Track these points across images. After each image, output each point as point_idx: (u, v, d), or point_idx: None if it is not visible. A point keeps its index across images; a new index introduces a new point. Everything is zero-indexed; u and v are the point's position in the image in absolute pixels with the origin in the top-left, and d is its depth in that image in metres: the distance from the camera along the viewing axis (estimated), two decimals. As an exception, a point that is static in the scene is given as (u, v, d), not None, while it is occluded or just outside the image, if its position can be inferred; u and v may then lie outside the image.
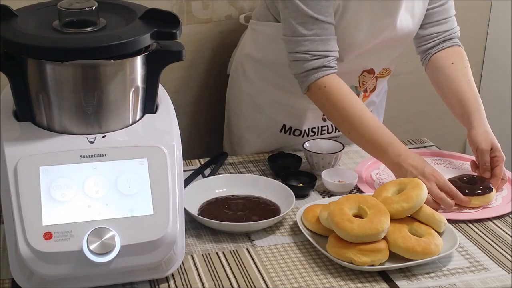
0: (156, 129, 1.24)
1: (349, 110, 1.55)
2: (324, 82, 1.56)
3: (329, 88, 1.56)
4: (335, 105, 1.56)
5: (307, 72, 1.57)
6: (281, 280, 1.24)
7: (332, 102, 1.56)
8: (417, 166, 1.49)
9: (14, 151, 1.15)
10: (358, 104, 1.57)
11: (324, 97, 1.57)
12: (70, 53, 1.12)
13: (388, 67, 1.78)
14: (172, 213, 1.16)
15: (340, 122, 1.59)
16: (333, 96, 1.56)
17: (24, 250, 1.10)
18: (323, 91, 1.56)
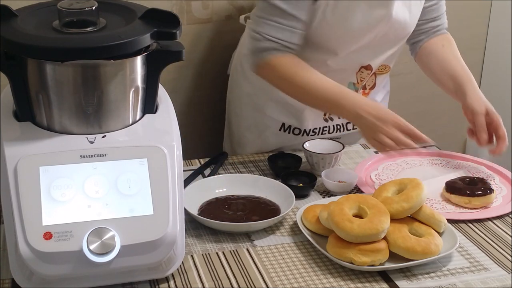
0: (156, 129, 1.24)
1: (296, 78, 1.59)
2: (269, 60, 1.60)
3: (279, 64, 1.60)
4: (283, 77, 1.60)
5: (256, 52, 1.61)
6: (281, 280, 1.24)
7: (279, 75, 1.60)
8: (374, 111, 1.51)
9: (14, 151, 1.14)
10: (305, 69, 1.59)
11: (271, 72, 1.61)
12: (70, 53, 1.12)
13: (387, 64, 1.77)
14: (172, 213, 1.16)
15: (292, 91, 1.63)
16: (280, 70, 1.60)
17: (24, 250, 1.10)
18: (269, 67, 1.61)
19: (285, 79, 1.60)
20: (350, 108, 1.53)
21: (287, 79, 1.60)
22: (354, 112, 1.52)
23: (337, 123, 1.83)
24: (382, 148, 1.51)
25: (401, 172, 1.66)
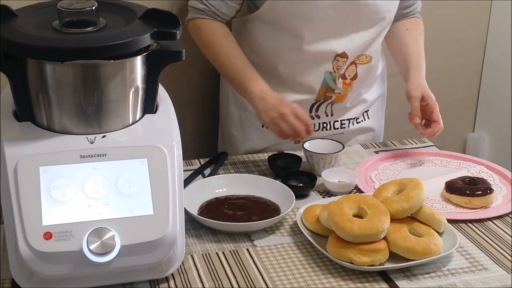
0: (156, 129, 1.24)
1: (219, 49, 1.68)
2: (199, 22, 1.70)
3: (203, 28, 1.70)
4: (206, 44, 1.70)
5: (190, 8, 1.73)
6: (281, 280, 1.24)
7: (204, 41, 1.70)
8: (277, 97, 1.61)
9: (14, 151, 1.14)
10: (228, 44, 1.69)
11: (198, 36, 1.71)
12: (70, 53, 1.12)
13: (367, 54, 1.77)
14: (172, 213, 1.16)
15: (211, 59, 1.72)
16: (205, 36, 1.70)
17: (24, 250, 1.10)
18: (197, 30, 1.71)
19: (207, 46, 1.70)
20: (256, 89, 1.62)
21: (209, 47, 1.70)
22: (258, 93, 1.61)
23: (323, 121, 1.83)
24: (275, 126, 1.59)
25: (401, 172, 1.66)
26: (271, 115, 1.58)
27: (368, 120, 1.91)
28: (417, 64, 1.76)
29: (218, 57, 1.69)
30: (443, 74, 2.46)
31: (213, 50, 1.69)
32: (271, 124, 1.59)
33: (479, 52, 2.51)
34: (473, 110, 2.61)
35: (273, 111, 1.58)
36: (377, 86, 1.91)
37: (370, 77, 1.84)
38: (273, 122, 1.58)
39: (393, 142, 1.87)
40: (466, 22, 2.43)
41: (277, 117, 1.57)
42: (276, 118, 1.57)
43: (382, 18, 1.72)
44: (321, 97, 1.79)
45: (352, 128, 1.88)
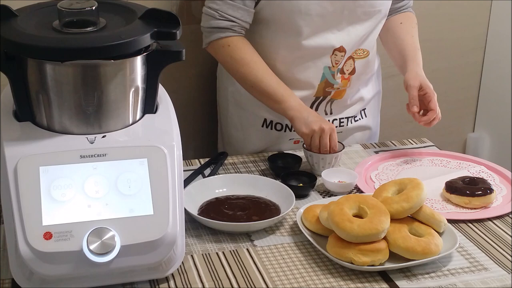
0: (156, 129, 1.24)
1: (255, 66, 1.68)
2: (228, 41, 1.68)
3: (233, 47, 1.68)
4: (240, 62, 1.68)
5: (212, 29, 1.68)
6: (281, 280, 1.24)
7: (235, 59, 1.68)
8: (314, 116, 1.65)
9: (14, 151, 1.14)
10: (261, 60, 1.69)
11: (228, 56, 1.69)
12: (70, 53, 1.12)
13: (364, 48, 1.77)
14: (172, 213, 1.16)
15: (244, 77, 1.70)
16: (238, 53, 1.68)
17: (24, 250, 1.10)
18: (227, 50, 1.69)
19: (241, 63, 1.69)
20: (295, 102, 1.67)
21: (243, 64, 1.68)
22: (298, 106, 1.66)
23: None
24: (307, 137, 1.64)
25: (401, 172, 1.66)
26: (312, 127, 1.62)
27: (365, 118, 1.92)
28: (413, 55, 1.78)
29: (255, 74, 1.69)
30: (443, 74, 2.46)
31: (248, 67, 1.69)
32: (307, 136, 1.63)
33: (479, 52, 2.51)
34: (473, 110, 2.61)
35: (315, 124, 1.62)
36: (373, 84, 1.92)
37: (368, 72, 1.85)
38: (311, 134, 1.62)
39: (393, 142, 1.87)
40: (466, 22, 2.43)
41: (317, 131, 1.61)
42: (316, 131, 1.62)
43: (378, 11, 1.74)
44: (320, 93, 1.79)
45: (350, 126, 1.88)
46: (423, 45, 1.84)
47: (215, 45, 1.70)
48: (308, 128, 1.63)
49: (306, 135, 1.63)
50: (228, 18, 1.66)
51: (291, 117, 1.66)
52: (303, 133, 1.64)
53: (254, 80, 1.69)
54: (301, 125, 1.64)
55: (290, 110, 1.66)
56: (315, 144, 1.62)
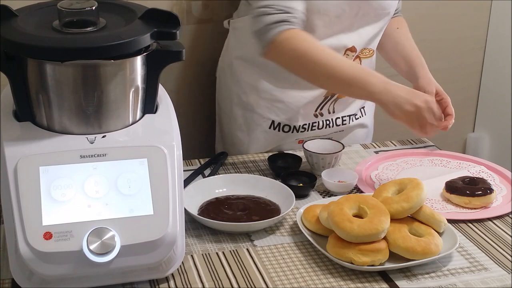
0: (156, 129, 1.24)
1: (324, 53, 1.53)
2: (289, 33, 1.53)
3: (296, 37, 1.53)
4: (306, 52, 1.52)
5: (268, 26, 1.54)
6: (281, 280, 1.24)
7: (302, 50, 1.52)
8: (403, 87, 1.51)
9: (14, 151, 1.14)
10: (326, 49, 1.55)
11: (292, 48, 1.52)
12: (70, 53, 1.12)
13: (370, 48, 1.78)
14: (172, 213, 1.16)
15: (316, 68, 1.53)
16: (304, 43, 1.52)
17: (24, 250, 1.10)
18: (289, 42, 1.52)
19: (309, 53, 1.52)
20: (379, 82, 1.50)
21: (312, 54, 1.52)
22: (383, 86, 1.50)
23: (326, 119, 1.83)
24: (411, 122, 1.50)
25: (401, 172, 1.66)
26: (407, 110, 1.48)
27: (365, 116, 1.92)
28: (420, 61, 1.77)
29: (328, 62, 1.52)
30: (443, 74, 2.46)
31: (319, 56, 1.52)
32: (404, 120, 1.50)
33: (479, 52, 2.51)
34: (473, 110, 2.61)
35: (407, 104, 1.48)
36: None
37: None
38: (408, 116, 1.49)
39: (393, 142, 1.87)
40: (466, 22, 2.43)
41: (414, 111, 1.48)
42: (413, 112, 1.48)
43: (387, 13, 1.74)
44: (330, 93, 1.79)
45: (351, 124, 1.89)
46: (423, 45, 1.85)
47: (275, 43, 1.53)
48: (403, 111, 1.48)
49: (404, 120, 1.49)
50: (284, 9, 1.53)
51: (380, 101, 1.51)
52: (400, 118, 1.49)
53: (328, 70, 1.52)
54: (394, 110, 1.49)
55: (376, 94, 1.50)
56: (422, 121, 1.48)
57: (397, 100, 1.49)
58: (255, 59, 1.75)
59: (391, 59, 1.84)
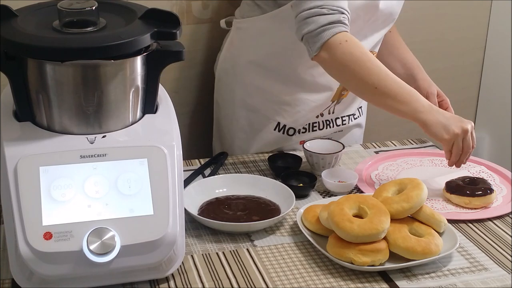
0: (156, 129, 1.24)
1: (376, 62, 1.50)
2: (344, 36, 1.49)
3: (351, 41, 1.48)
4: (360, 58, 1.48)
5: (324, 27, 1.48)
6: (281, 280, 1.24)
7: (357, 55, 1.48)
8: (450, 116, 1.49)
9: (14, 151, 1.14)
10: (377, 59, 1.52)
11: (348, 52, 1.48)
12: (70, 53, 1.12)
13: (374, 51, 1.78)
14: (172, 213, 1.16)
15: (366, 77, 1.48)
16: (358, 49, 1.49)
17: (24, 250, 1.10)
18: (345, 45, 1.48)
19: (363, 60, 1.49)
20: (424, 102, 1.49)
21: (365, 61, 1.49)
22: (428, 105, 1.49)
23: (326, 119, 1.83)
24: (450, 145, 1.48)
25: (401, 172, 1.66)
26: (453, 131, 1.46)
27: (362, 116, 1.93)
28: (417, 63, 1.79)
29: (379, 71, 1.49)
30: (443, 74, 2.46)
31: (372, 64, 1.49)
32: (449, 141, 1.48)
33: (479, 52, 2.51)
34: (473, 110, 2.61)
35: (455, 126, 1.47)
36: None
37: None
38: (453, 138, 1.47)
39: (393, 142, 1.87)
40: (466, 22, 2.43)
41: (459, 134, 1.47)
42: (459, 135, 1.47)
43: (393, 20, 1.74)
44: (336, 97, 1.79)
45: (350, 124, 1.89)
46: (423, 45, 1.85)
47: (330, 45, 1.48)
48: (450, 133, 1.46)
49: (447, 141, 1.48)
50: (337, 9, 1.49)
51: (423, 120, 1.48)
52: (443, 139, 1.48)
53: (377, 80, 1.48)
54: (440, 130, 1.47)
55: (420, 112, 1.48)
56: (458, 148, 1.48)
57: (443, 121, 1.47)
58: (263, 62, 1.74)
59: (386, 62, 1.78)
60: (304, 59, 1.67)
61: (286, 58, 1.71)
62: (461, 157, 1.51)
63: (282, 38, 1.69)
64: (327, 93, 1.77)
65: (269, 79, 1.76)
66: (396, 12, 1.73)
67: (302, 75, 1.73)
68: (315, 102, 1.77)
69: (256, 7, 1.73)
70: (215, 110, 1.93)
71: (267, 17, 1.69)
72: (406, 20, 1.90)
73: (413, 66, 1.79)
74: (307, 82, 1.74)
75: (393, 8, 1.71)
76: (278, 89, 1.77)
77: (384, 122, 2.11)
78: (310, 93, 1.76)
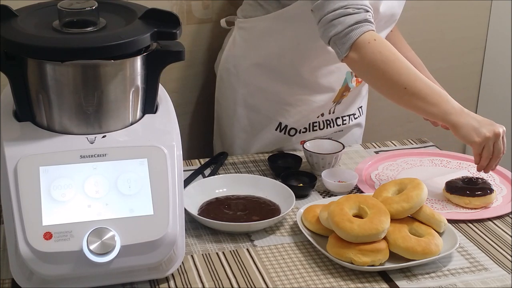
0: (156, 129, 1.24)
1: (405, 62, 1.46)
2: (372, 35, 1.46)
3: (379, 40, 1.46)
4: (390, 57, 1.45)
5: (351, 27, 1.45)
6: (281, 280, 1.24)
7: (386, 55, 1.45)
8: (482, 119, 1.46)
9: (14, 151, 1.14)
10: (405, 59, 1.49)
11: (377, 51, 1.45)
12: (70, 53, 1.12)
13: None
14: (172, 213, 1.16)
15: (396, 76, 1.45)
16: (387, 48, 1.46)
17: (24, 250, 1.10)
18: (374, 45, 1.45)
19: (393, 60, 1.46)
20: (455, 104, 1.47)
21: (394, 60, 1.46)
22: (459, 108, 1.46)
23: (326, 119, 1.84)
24: (480, 148, 1.46)
25: (401, 172, 1.66)
26: (485, 135, 1.44)
27: (362, 116, 1.93)
28: (419, 62, 1.78)
29: (408, 72, 1.46)
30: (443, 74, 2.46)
31: (402, 64, 1.46)
32: (479, 144, 1.45)
33: (479, 52, 2.51)
34: (473, 110, 2.61)
35: (486, 129, 1.44)
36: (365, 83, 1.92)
37: None
38: (484, 142, 1.45)
39: (393, 142, 1.87)
40: (466, 22, 2.43)
41: (491, 137, 1.44)
42: (490, 138, 1.44)
43: (394, 20, 1.74)
44: (338, 98, 1.79)
45: (351, 124, 1.90)
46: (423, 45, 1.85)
47: (359, 44, 1.45)
48: (481, 135, 1.44)
49: (478, 144, 1.45)
50: (362, 8, 1.46)
51: (453, 122, 1.45)
52: (474, 142, 1.45)
53: (407, 80, 1.45)
54: (470, 133, 1.44)
55: (450, 114, 1.45)
56: (489, 152, 1.46)
57: (474, 123, 1.45)
58: (265, 62, 1.74)
59: None
60: (307, 60, 1.67)
61: (289, 59, 1.71)
62: (490, 162, 1.48)
63: (285, 39, 1.69)
64: (329, 94, 1.77)
65: (271, 80, 1.76)
66: (397, 13, 1.73)
67: (304, 76, 1.73)
68: (317, 103, 1.77)
69: (259, 7, 1.72)
70: (216, 109, 1.93)
71: (270, 18, 1.69)
72: (407, 20, 1.90)
73: (415, 65, 1.76)
74: (309, 83, 1.74)
75: (394, 9, 1.70)
76: (280, 90, 1.77)
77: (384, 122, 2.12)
78: (312, 94, 1.76)
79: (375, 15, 1.64)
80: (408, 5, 1.88)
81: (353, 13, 1.45)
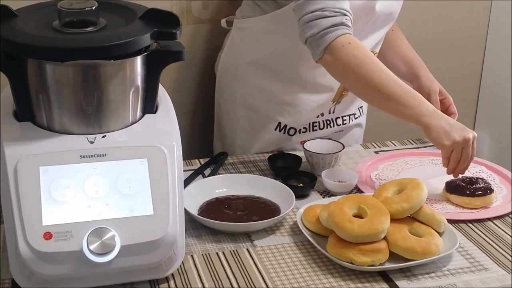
0: (156, 129, 1.24)
1: (379, 65, 1.49)
2: (347, 38, 1.48)
3: (354, 43, 1.48)
4: (364, 60, 1.48)
5: (326, 30, 1.48)
6: (281, 280, 1.24)
7: (360, 58, 1.47)
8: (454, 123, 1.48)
9: (14, 151, 1.14)
10: (380, 62, 1.51)
11: (351, 54, 1.47)
12: (70, 53, 1.12)
13: (375, 51, 1.78)
14: (172, 213, 1.16)
15: (369, 79, 1.48)
16: (361, 51, 1.48)
17: (24, 250, 1.10)
18: (348, 48, 1.47)
19: (366, 62, 1.48)
20: (428, 106, 1.48)
21: (368, 63, 1.48)
22: (432, 110, 1.48)
23: (326, 119, 1.84)
24: (449, 152, 1.47)
25: (401, 172, 1.66)
26: (454, 139, 1.45)
27: (362, 116, 1.93)
28: (420, 61, 1.79)
29: (380, 75, 1.48)
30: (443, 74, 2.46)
31: (376, 67, 1.48)
32: (448, 148, 1.46)
33: (479, 52, 2.51)
34: (473, 110, 2.61)
35: (457, 134, 1.45)
36: None
37: None
38: (453, 146, 1.46)
39: (393, 142, 1.87)
40: (466, 22, 2.43)
41: (460, 142, 1.45)
42: (459, 143, 1.45)
43: (393, 19, 1.74)
44: (337, 97, 1.79)
45: (351, 124, 1.89)
46: (423, 45, 1.85)
47: (333, 47, 1.48)
48: (450, 139, 1.45)
49: (447, 147, 1.46)
50: (340, 11, 1.49)
51: (426, 124, 1.47)
52: (443, 145, 1.46)
53: (380, 82, 1.47)
54: (441, 136, 1.46)
55: (424, 116, 1.47)
56: (457, 156, 1.47)
57: (446, 127, 1.46)
58: (264, 62, 1.74)
59: (388, 61, 1.81)
60: (305, 60, 1.67)
61: (287, 59, 1.71)
62: (458, 166, 1.49)
63: (283, 39, 1.69)
64: (328, 93, 1.77)
65: (270, 79, 1.76)
66: (395, 11, 1.73)
67: (303, 75, 1.73)
68: (316, 102, 1.77)
69: (257, 8, 1.72)
70: (216, 109, 1.93)
71: (268, 18, 1.69)
72: (406, 20, 1.90)
73: (415, 64, 1.79)
74: (308, 83, 1.74)
75: (392, 8, 1.70)
76: (279, 89, 1.77)
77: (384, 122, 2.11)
78: (311, 94, 1.76)
79: (371, 14, 1.64)
80: (408, 5, 1.88)
81: (330, 16, 1.48)
